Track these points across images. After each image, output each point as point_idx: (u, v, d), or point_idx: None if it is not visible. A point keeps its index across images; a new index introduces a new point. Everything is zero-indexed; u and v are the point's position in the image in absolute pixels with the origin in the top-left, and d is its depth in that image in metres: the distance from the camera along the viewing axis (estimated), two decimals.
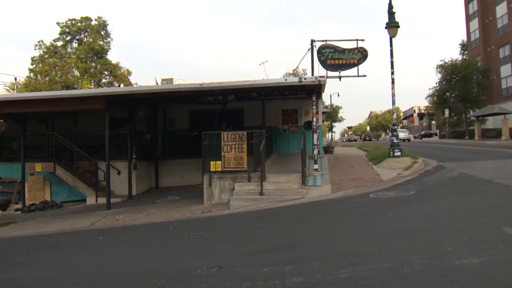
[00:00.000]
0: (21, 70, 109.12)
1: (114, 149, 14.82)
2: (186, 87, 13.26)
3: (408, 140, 41.67)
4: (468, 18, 42.41)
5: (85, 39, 37.44)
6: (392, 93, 13.92)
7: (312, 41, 19.28)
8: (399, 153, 13.63)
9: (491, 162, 12.84)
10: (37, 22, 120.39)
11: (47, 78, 33.71)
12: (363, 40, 18.34)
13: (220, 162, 10.93)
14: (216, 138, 11.09)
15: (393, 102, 13.96)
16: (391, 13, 13.80)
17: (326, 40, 18.62)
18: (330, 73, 18.34)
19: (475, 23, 40.65)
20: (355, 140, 65.56)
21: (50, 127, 17.84)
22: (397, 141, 13.93)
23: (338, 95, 77.52)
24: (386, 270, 4.10)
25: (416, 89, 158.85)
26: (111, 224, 9.93)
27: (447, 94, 37.71)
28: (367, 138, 65.34)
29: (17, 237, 9.60)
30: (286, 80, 13.23)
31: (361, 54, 18.20)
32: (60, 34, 37.29)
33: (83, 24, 37.43)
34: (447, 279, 3.66)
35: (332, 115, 48.25)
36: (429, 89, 42.24)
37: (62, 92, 20.59)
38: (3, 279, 5.52)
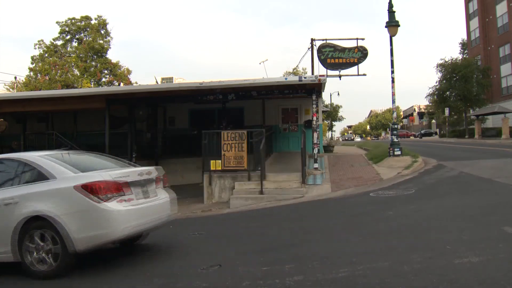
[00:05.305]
0: (21, 69, 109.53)
1: (114, 148, 14.78)
2: (186, 86, 13.24)
3: (352, 139, 58.02)
4: (468, 17, 42.36)
5: (85, 38, 37.34)
6: (392, 92, 13.92)
7: (312, 40, 19.24)
8: (399, 152, 13.63)
9: (491, 161, 12.84)
10: (37, 21, 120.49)
11: (47, 77, 33.63)
12: (363, 39, 18.33)
13: (220, 161, 10.94)
14: (216, 137, 11.09)
15: (393, 101, 13.97)
16: (391, 12, 13.81)
17: (326, 39, 18.60)
18: (330, 72, 18.33)
19: (475, 22, 40.60)
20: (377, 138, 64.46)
21: (50, 126, 17.82)
22: (397, 140, 13.93)
23: (338, 94, 77.42)
24: (386, 269, 4.11)
25: (416, 88, 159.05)
26: None
27: (447, 93, 37.67)
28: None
29: None
30: (286, 79, 13.24)
31: (361, 53, 18.18)
32: (60, 33, 37.19)
33: (83, 23, 37.32)
34: (447, 278, 3.66)
35: (332, 114, 48.25)
36: (429, 88, 42.30)
37: (62, 91, 20.62)
38: None
